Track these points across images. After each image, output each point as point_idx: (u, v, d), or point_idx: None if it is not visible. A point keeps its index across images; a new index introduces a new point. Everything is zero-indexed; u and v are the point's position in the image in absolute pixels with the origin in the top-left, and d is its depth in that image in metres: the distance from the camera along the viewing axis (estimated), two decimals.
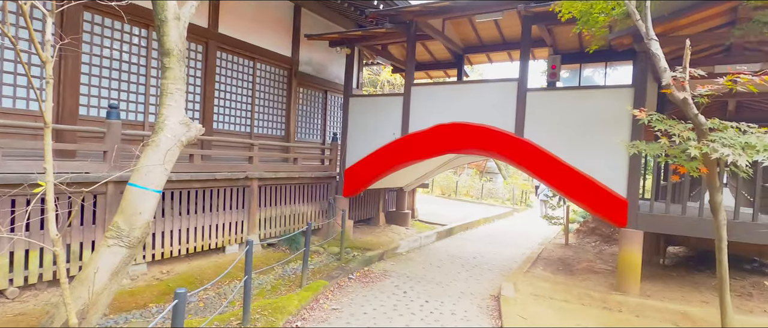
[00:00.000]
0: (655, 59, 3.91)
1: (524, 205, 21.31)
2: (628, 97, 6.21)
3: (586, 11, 5.37)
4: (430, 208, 15.55)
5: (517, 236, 11.78)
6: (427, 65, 11.41)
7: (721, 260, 4.14)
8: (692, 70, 3.60)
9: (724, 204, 5.84)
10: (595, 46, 6.09)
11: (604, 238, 10.24)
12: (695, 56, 7.40)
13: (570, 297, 5.95)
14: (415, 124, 8.09)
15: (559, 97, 7.15)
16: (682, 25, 5.71)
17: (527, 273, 7.15)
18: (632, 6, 4.16)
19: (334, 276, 6.32)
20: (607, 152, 6.22)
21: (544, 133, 6.85)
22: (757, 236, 5.47)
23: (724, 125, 3.58)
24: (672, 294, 6.09)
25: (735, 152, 3.29)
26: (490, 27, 8.95)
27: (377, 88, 22.21)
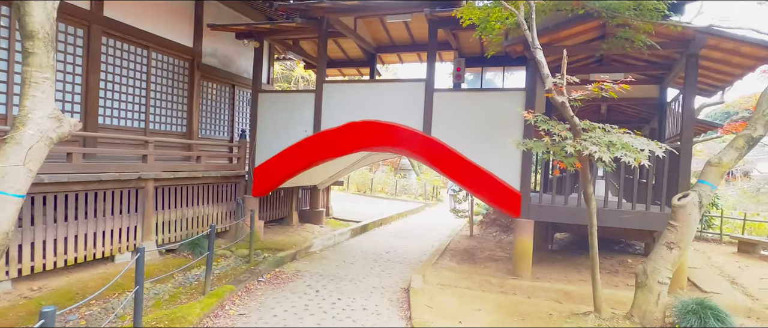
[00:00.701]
0: (539, 66, 4.37)
1: (435, 200, 22.39)
2: (521, 100, 6.84)
3: (484, 18, 5.79)
4: (345, 205, 15.59)
5: (428, 230, 12.35)
6: (340, 63, 11.40)
7: (592, 244, 4.77)
8: (569, 77, 4.08)
9: (601, 195, 6.75)
10: (492, 52, 6.59)
11: (503, 228, 11.18)
12: (574, 65, 8.40)
13: (472, 284, 6.40)
14: (327, 121, 8.04)
15: (463, 98, 7.64)
16: (562, 36, 6.45)
17: (435, 264, 7.53)
18: (521, 17, 4.58)
19: (242, 280, 6.03)
20: (503, 150, 6.77)
21: (449, 132, 7.26)
22: (622, 220, 6.39)
23: (593, 126, 4.12)
24: (557, 275, 6.86)
25: (601, 149, 3.80)
26: (400, 28, 9.22)
27: (291, 84, 21.65)
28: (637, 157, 3.74)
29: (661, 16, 5.14)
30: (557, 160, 4.57)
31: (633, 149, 3.88)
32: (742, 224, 11.49)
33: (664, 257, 4.59)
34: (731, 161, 4.71)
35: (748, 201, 23.68)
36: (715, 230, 11.54)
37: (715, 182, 4.70)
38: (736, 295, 6.15)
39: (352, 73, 12.23)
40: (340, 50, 10.65)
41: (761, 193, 25.61)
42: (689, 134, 6.19)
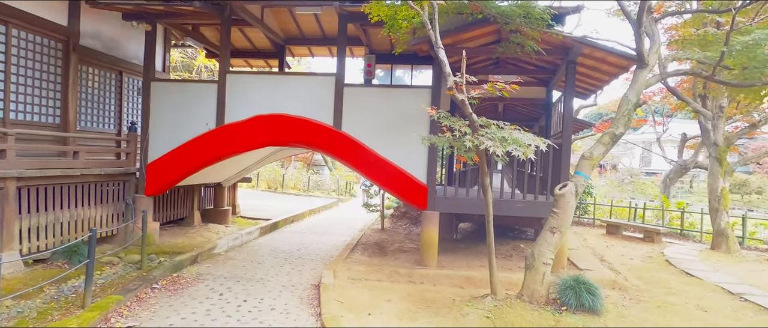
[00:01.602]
0: (442, 65, 4.59)
1: (349, 195, 22.48)
2: (427, 97, 7.14)
3: (391, 16, 5.91)
4: (254, 203, 14.92)
5: (341, 225, 12.35)
6: (247, 53, 10.83)
7: (489, 232, 5.16)
8: (468, 76, 4.35)
9: (500, 186, 7.32)
10: (400, 49, 6.77)
11: (412, 220, 11.63)
12: (475, 66, 9.01)
13: (382, 276, 6.55)
14: (232, 114, 7.58)
15: (373, 93, 7.74)
16: (464, 38, 6.86)
17: (347, 259, 7.55)
18: (426, 17, 4.76)
19: (132, 288, 5.43)
20: (411, 145, 7.01)
21: (360, 127, 7.31)
22: (515, 209, 7.03)
23: (489, 123, 4.45)
24: (461, 263, 7.32)
25: (495, 144, 4.12)
26: (310, 21, 9.03)
27: (193, 73, 20.02)
28: (525, 151, 4.13)
29: (546, 25, 5.72)
30: (458, 154, 4.85)
31: (522, 144, 4.27)
32: (610, 209, 13.40)
33: (548, 241, 5.15)
34: (600, 155, 5.45)
35: (615, 190, 27.67)
36: (590, 215, 13.29)
37: (588, 173, 5.39)
38: (604, 270, 7.14)
39: (260, 65, 11.70)
40: (246, 40, 10.10)
41: (625, 183, 30.12)
42: (569, 132, 7.02)
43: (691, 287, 6.52)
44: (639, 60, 5.68)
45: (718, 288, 6.43)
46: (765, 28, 6.24)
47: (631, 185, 29.47)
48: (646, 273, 7.27)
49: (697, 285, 6.62)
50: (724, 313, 5.40)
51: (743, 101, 10.57)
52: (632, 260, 8.26)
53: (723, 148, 9.84)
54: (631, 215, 13.04)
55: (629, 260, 8.32)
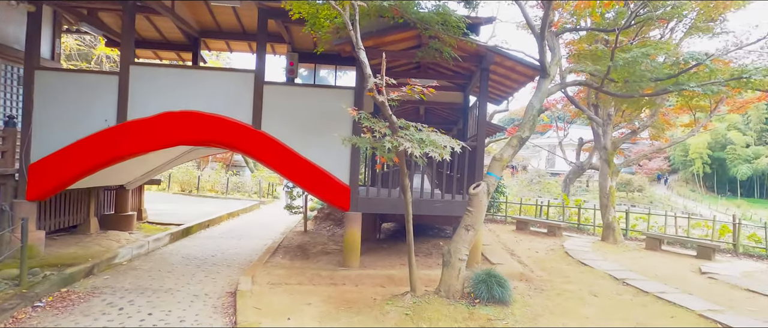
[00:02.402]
0: (362, 66, 4.61)
1: (272, 197, 21.73)
2: (350, 98, 7.14)
3: (313, 14, 5.82)
4: (165, 207, 13.76)
5: (262, 229, 11.87)
6: (156, 44, 9.97)
7: (408, 231, 5.30)
8: (387, 78, 4.42)
9: (425, 187, 7.54)
10: (322, 48, 6.69)
11: (336, 222, 11.56)
12: (397, 70, 9.20)
13: (304, 280, 6.41)
14: (137, 110, 6.92)
15: (296, 92, 7.55)
16: (386, 41, 6.98)
17: (267, 264, 7.27)
18: (347, 18, 4.76)
19: (7, 308, 4.70)
20: (334, 146, 6.92)
21: (281, 127, 7.09)
22: (434, 208, 7.31)
23: (408, 125, 4.56)
24: (383, 262, 7.43)
25: (413, 146, 4.23)
26: (228, 13, 8.56)
27: (93, 63, 17.93)
28: (441, 152, 4.30)
29: (461, 33, 6.03)
30: (379, 155, 4.91)
31: (439, 146, 4.44)
32: (519, 207, 14.53)
33: (463, 238, 5.43)
34: (509, 157, 5.87)
35: (525, 189, 30.11)
36: (502, 213, 14.29)
37: (498, 173, 5.78)
38: (514, 263, 7.71)
39: (171, 57, 10.84)
40: (154, 29, 9.28)
41: (533, 183, 32.92)
42: (483, 135, 7.48)
43: (585, 274, 7.31)
44: (542, 70, 6.23)
45: (606, 275, 7.27)
46: (642, 47, 7.21)
47: (538, 184, 32.31)
48: (548, 264, 7.99)
49: (589, 273, 7.43)
50: (609, 296, 6.12)
51: (627, 111, 12.12)
52: (538, 253, 9.04)
53: (611, 151, 11.19)
54: (538, 212, 14.27)
55: (535, 253, 9.08)
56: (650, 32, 10.12)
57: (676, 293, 6.23)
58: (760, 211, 29.89)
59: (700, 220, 12.68)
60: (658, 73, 6.60)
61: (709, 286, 6.88)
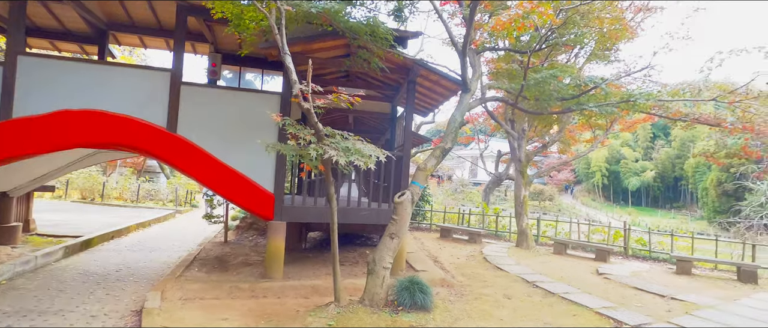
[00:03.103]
0: (288, 71, 4.51)
1: (189, 206, 20.30)
2: (277, 103, 6.93)
3: (237, 15, 5.59)
4: (61, 217, 12.22)
5: (176, 240, 11.02)
6: (55, 34, 8.89)
7: (333, 240, 5.24)
8: (314, 85, 4.37)
9: (354, 195, 7.51)
10: (247, 50, 6.45)
11: (260, 232, 11.10)
12: (326, 77, 9.16)
13: (221, 293, 6.03)
14: (26, 106, 6.09)
15: (218, 95, 7.14)
16: (315, 48, 6.92)
17: (180, 278, 6.74)
18: (273, 21, 4.63)
19: None
20: (259, 152, 6.68)
21: (200, 131, 6.67)
22: (361, 217, 7.32)
23: (333, 133, 4.54)
24: (308, 272, 7.26)
25: (339, 154, 4.21)
26: (142, 6, 7.88)
27: None
28: (366, 161, 4.33)
29: (389, 45, 6.18)
30: (304, 162, 4.82)
31: (365, 155, 4.47)
32: (443, 215, 15.11)
33: (388, 246, 5.49)
34: (432, 167, 6.09)
35: (449, 198, 31.40)
36: (427, 221, 14.75)
37: (422, 182, 5.95)
38: (436, 270, 7.97)
39: (74, 50, 9.74)
40: (52, 17, 8.26)
41: (457, 192, 34.45)
42: (409, 145, 7.68)
43: (501, 278, 7.77)
44: (464, 85, 6.58)
45: (519, 278, 7.80)
46: (551, 69, 7.94)
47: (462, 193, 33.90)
48: (468, 270, 8.38)
49: (504, 277, 7.91)
50: (521, 298, 6.56)
51: (539, 126, 13.23)
52: (459, 259, 9.44)
53: (524, 163, 12.10)
54: (460, 220, 14.95)
55: (457, 259, 9.48)
56: (558, 56, 11.19)
57: (578, 293, 6.86)
58: (647, 217, 34.21)
59: (599, 226, 14.16)
60: (564, 93, 7.30)
61: (604, 285, 7.67)
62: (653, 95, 6.91)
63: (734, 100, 7.30)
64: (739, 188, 26.70)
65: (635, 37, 10.66)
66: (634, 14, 10.56)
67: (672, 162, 42.29)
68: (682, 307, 6.42)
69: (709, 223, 32.10)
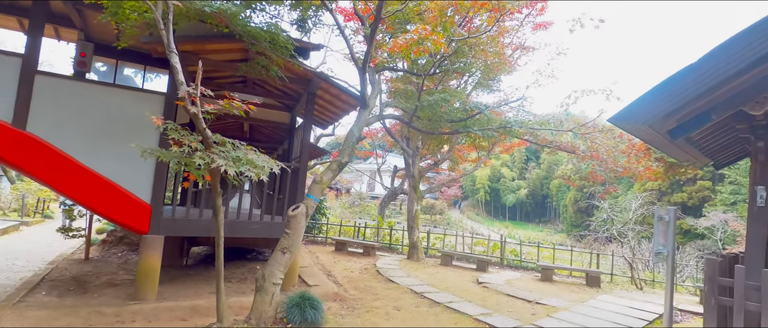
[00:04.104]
0: (174, 71, 4.13)
1: (41, 216, 17.15)
2: (161, 105, 6.30)
3: (116, 3, 4.97)
4: None
5: (20, 258, 9.18)
6: None
7: (218, 255, 4.86)
8: (203, 88, 4.06)
9: (246, 207, 7.07)
10: (125, 43, 5.75)
11: (132, 246, 9.83)
12: (221, 81, 8.62)
13: (76, 321, 5.17)
14: None
15: (86, 90, 6.23)
16: (208, 49, 6.48)
17: (19, 304, 5.61)
18: (158, 15, 4.22)
19: None
20: (135, 158, 5.94)
21: (61, 130, 5.72)
22: (251, 230, 6.95)
23: (224, 141, 4.25)
24: (187, 292, 6.61)
25: (228, 163, 3.96)
26: None
27: None
28: (258, 172, 4.14)
29: (289, 54, 6.06)
30: (188, 171, 4.42)
31: (257, 166, 4.27)
32: (339, 228, 15.12)
33: (279, 261, 5.29)
34: (329, 180, 6.07)
35: (347, 211, 31.60)
36: (323, 234, 14.61)
37: (318, 195, 5.89)
38: (330, 284, 7.89)
39: None
40: None
41: (355, 205, 34.85)
42: (306, 157, 7.56)
43: (392, 291, 8.00)
44: (362, 101, 6.73)
45: (409, 290, 8.12)
46: (443, 93, 8.58)
47: (359, 206, 34.37)
48: (361, 283, 8.47)
49: (395, 289, 8.17)
50: (409, 309, 6.83)
51: (431, 145, 14.11)
52: (353, 273, 9.50)
53: (417, 179, 12.77)
54: (356, 233, 15.10)
55: (350, 273, 9.52)
56: (450, 82, 12.14)
57: (460, 302, 7.38)
58: (520, 231, 38.52)
59: (481, 239, 15.52)
60: (454, 116, 7.94)
61: (483, 293, 8.38)
62: (526, 123, 7.89)
63: (585, 132, 8.68)
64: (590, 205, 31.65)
65: (513, 71, 12.10)
66: (512, 51, 11.98)
67: (541, 182, 48.54)
68: (545, 310, 7.31)
69: (567, 235, 37.37)
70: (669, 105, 4.09)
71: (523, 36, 12.07)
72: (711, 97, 4.00)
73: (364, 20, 7.29)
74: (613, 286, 10.63)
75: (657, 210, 4.84)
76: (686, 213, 29.15)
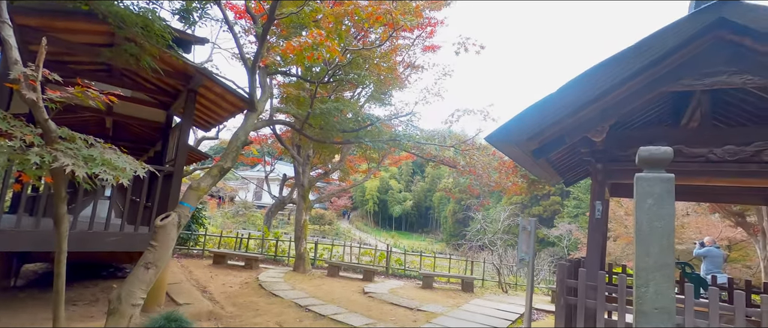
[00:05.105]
0: (7, 47, 3.34)
1: None
2: None
3: None
4: None
5: None
6: None
7: (59, 273, 4.02)
8: (47, 71, 3.35)
9: (103, 216, 5.99)
10: None
11: None
12: (79, 67, 7.37)
13: None
14: None
15: None
16: (60, 27, 5.46)
17: None
18: None
19: None
20: None
21: None
22: (107, 244, 5.95)
23: (73, 136, 3.55)
24: (19, 318, 5.40)
25: (77, 163, 3.31)
26: None
27: None
28: (117, 175, 3.54)
29: (167, 45, 5.41)
30: (22, 171, 3.59)
31: (117, 167, 3.65)
32: (219, 239, 13.98)
33: (141, 278, 4.59)
34: (207, 186, 5.52)
35: (230, 221, 29.48)
36: (200, 246, 13.34)
37: (193, 203, 5.30)
38: (204, 302, 7.16)
39: None
40: None
41: (239, 214, 32.74)
42: (183, 160, 6.81)
43: (274, 305, 7.59)
44: (250, 104, 6.33)
45: (293, 304, 7.79)
46: (336, 102, 8.56)
47: (244, 216, 32.38)
48: (241, 299, 7.87)
49: (278, 303, 7.77)
50: (293, 323, 6.54)
51: (323, 154, 13.97)
52: (232, 288, 8.79)
53: (307, 188, 12.49)
54: (238, 244, 14.11)
55: (229, 288, 8.80)
56: (344, 92, 12.22)
57: (345, 313, 7.32)
58: (405, 240, 40.32)
59: (368, 249, 15.77)
60: (346, 126, 7.95)
61: (368, 303, 8.46)
62: (414, 137, 8.28)
63: (465, 148, 9.46)
64: (466, 216, 34.65)
65: (404, 87, 12.69)
66: (404, 68, 12.57)
67: (425, 194, 51.70)
68: (425, 316, 7.66)
69: (446, 244, 40.27)
70: (533, 129, 4.65)
71: (414, 55, 12.77)
72: (564, 124, 4.66)
73: (256, 19, 6.91)
74: (484, 290, 11.68)
75: (521, 221, 5.44)
76: (542, 224, 33.74)
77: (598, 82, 4.33)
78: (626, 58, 4.17)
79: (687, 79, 4.28)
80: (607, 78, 4.27)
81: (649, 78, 4.33)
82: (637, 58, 4.13)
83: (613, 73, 4.25)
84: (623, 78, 4.23)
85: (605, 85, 4.32)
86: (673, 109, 6.17)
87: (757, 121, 5.56)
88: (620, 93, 4.46)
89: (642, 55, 4.11)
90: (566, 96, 4.44)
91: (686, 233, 15.64)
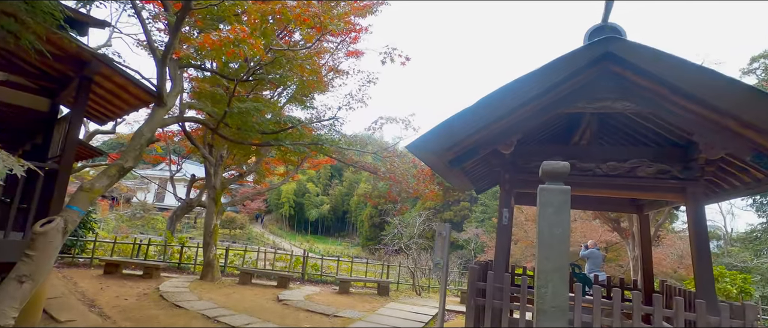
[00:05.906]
0: None
1: None
2: None
3: None
4: None
5: None
6: None
7: None
8: None
9: None
10: None
11: None
12: None
13: None
14: None
15: None
16: None
17: None
18: None
19: None
20: None
21: None
22: None
23: None
24: None
25: None
26: None
27: None
28: None
29: (57, 24, 4.73)
30: None
31: None
32: (113, 246, 12.50)
33: (12, 295, 3.92)
34: (103, 188, 4.92)
35: (126, 225, 26.55)
36: (88, 254, 11.79)
37: (84, 207, 4.69)
38: (91, 317, 6.34)
39: None
40: None
41: (137, 217, 29.64)
42: (71, 157, 5.98)
43: (178, 318, 6.98)
44: (158, 98, 5.79)
45: (199, 315, 7.24)
46: (256, 102, 8.18)
47: (143, 220, 29.38)
48: (138, 312, 7.11)
49: (183, 315, 7.16)
50: None
51: (238, 155, 13.25)
52: (127, 300, 7.90)
53: (219, 190, 11.74)
54: (135, 251, 12.74)
55: (124, 300, 7.90)
56: (263, 92, 11.74)
57: (258, 323, 6.99)
58: (321, 245, 39.84)
59: (283, 254, 15.27)
60: (265, 127, 7.63)
61: (283, 311, 8.18)
62: (336, 142, 8.23)
63: (386, 155, 9.66)
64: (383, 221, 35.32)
65: (328, 91, 12.57)
66: (328, 72, 12.47)
67: (343, 198, 51.62)
68: (342, 322, 7.62)
69: (363, 248, 40.61)
70: (450, 140, 4.93)
71: (338, 59, 12.73)
72: (478, 137, 5.01)
73: (168, 6, 6.35)
74: (399, 293, 11.97)
75: (437, 226, 5.69)
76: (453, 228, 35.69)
77: (507, 101, 4.72)
78: (532, 80, 4.60)
79: (581, 102, 4.86)
80: (515, 97, 4.68)
81: (550, 99, 4.84)
82: (541, 81, 4.59)
83: (520, 93, 4.66)
84: (529, 98, 4.68)
85: (514, 104, 4.74)
86: (568, 128, 6.95)
87: (633, 142, 6.51)
88: (526, 111, 4.91)
89: (545, 78, 4.58)
90: (480, 111, 4.77)
91: (574, 237, 17.68)
